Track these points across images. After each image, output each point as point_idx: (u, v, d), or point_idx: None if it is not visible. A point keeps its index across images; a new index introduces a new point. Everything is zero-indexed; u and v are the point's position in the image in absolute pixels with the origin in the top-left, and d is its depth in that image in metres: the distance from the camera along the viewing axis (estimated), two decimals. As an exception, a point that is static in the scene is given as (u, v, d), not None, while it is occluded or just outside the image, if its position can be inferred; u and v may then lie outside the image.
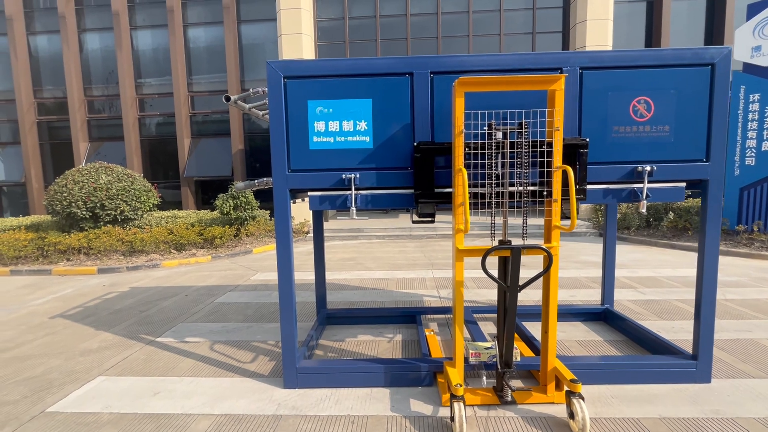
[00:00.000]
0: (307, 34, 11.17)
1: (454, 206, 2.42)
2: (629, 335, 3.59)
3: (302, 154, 2.67)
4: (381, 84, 2.61)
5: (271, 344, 3.68)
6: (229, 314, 4.55)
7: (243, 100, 3.04)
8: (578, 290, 5.11)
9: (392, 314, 4.13)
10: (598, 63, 2.57)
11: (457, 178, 2.38)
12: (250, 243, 9.26)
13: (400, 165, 2.67)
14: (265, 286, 5.80)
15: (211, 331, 4.05)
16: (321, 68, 2.61)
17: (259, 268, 7.04)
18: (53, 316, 4.71)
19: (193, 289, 5.77)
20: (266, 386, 2.89)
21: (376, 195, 2.71)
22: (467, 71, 2.59)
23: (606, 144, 2.62)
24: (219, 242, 8.55)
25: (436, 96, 2.61)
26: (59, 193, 8.51)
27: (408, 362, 2.86)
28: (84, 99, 13.30)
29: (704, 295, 2.69)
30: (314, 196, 2.72)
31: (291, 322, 2.78)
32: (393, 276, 6.19)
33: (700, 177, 2.62)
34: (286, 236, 2.73)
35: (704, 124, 2.59)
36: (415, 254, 8.00)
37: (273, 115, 2.63)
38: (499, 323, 2.54)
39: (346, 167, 2.67)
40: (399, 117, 2.63)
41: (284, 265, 2.75)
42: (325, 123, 2.64)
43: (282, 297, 2.78)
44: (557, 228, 2.43)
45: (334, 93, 2.62)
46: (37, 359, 3.49)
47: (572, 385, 2.33)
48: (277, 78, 2.61)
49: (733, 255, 7.11)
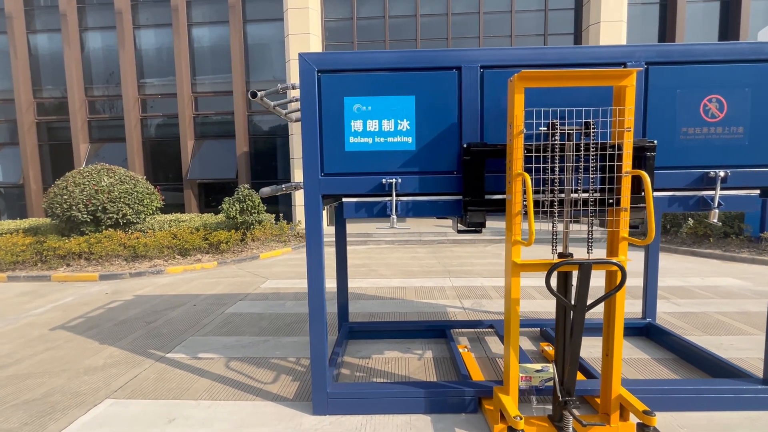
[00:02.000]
0: (315, 34, 10.95)
1: (511, 215, 2.16)
2: (678, 353, 3.33)
3: (337, 156, 2.41)
4: (426, 79, 2.36)
5: (292, 361, 3.40)
6: (243, 327, 4.27)
7: (271, 96, 2.78)
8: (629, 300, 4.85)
9: (418, 328, 3.87)
10: (666, 57, 2.33)
11: (515, 184, 2.12)
12: (256, 248, 8.98)
13: (445, 169, 2.42)
14: (277, 295, 5.52)
15: (224, 345, 3.77)
16: (359, 61, 2.36)
17: (269, 275, 6.77)
18: (54, 327, 4.42)
19: (201, 298, 5.49)
20: (292, 412, 2.61)
21: (417, 202, 2.45)
22: (521, 65, 2.34)
23: (673, 147, 2.37)
24: (225, 247, 8.27)
25: (486, 92, 2.36)
26: (59, 196, 8.21)
27: (450, 386, 2.59)
28: (85, 99, 13.03)
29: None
30: (349, 202, 2.46)
31: (322, 342, 2.51)
32: (410, 284, 5.92)
33: (778, 184, 2.37)
34: (317, 247, 2.47)
35: (782, 126, 2.35)
36: (429, 260, 7.73)
37: (305, 113, 2.37)
38: (559, 346, 2.27)
39: (385, 171, 2.41)
40: (445, 116, 2.38)
41: (315, 279, 2.48)
42: (363, 122, 2.38)
43: (313, 313, 2.51)
44: (626, 240, 2.18)
45: (373, 89, 2.36)
46: (38, 378, 3.20)
47: (646, 418, 2.07)
48: (311, 72, 2.35)
49: (759, 263, 6.87)
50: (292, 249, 9.25)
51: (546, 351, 3.33)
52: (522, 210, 2.14)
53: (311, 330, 2.52)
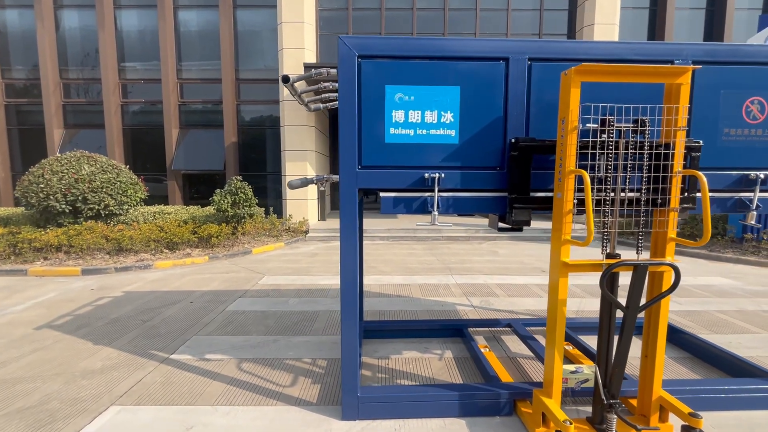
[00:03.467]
0: (309, 23, 10.64)
1: (561, 213, 2.09)
2: (693, 352, 3.38)
3: (376, 148, 2.27)
4: (472, 69, 2.25)
5: (308, 362, 3.25)
6: (248, 325, 4.08)
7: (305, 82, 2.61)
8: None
9: (433, 327, 3.78)
10: (712, 57, 2.30)
11: (567, 181, 2.05)
12: (247, 243, 8.68)
13: (489, 164, 2.32)
14: (278, 291, 5.33)
15: (233, 346, 3.57)
16: (404, 47, 2.22)
17: (264, 271, 6.53)
18: (39, 326, 4.10)
19: (196, 294, 5.23)
20: (319, 417, 2.48)
21: (458, 198, 2.35)
22: (569, 59, 2.27)
23: (715, 148, 2.36)
24: (215, 241, 7.94)
25: (533, 86, 2.27)
26: (35, 184, 7.67)
27: (484, 389, 2.52)
28: (59, 82, 12.24)
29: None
30: (387, 197, 2.33)
31: (355, 343, 2.39)
32: (413, 282, 5.83)
33: (813, 187, 2.40)
34: (352, 243, 2.33)
35: (819, 130, 2.37)
36: (427, 257, 7.67)
37: (344, 101, 2.22)
38: (602, 347, 2.22)
39: (426, 165, 2.30)
40: (490, 109, 2.28)
41: (349, 276, 2.35)
42: (405, 113, 2.25)
43: (345, 312, 2.38)
44: (674, 240, 2.15)
45: (417, 77, 2.23)
46: (30, 383, 2.93)
47: (692, 420, 2.06)
48: (350, 57, 2.20)
49: (743, 263, 7.16)
50: (285, 244, 9.00)
51: (568, 351, 3.31)
52: (573, 209, 2.08)
53: (343, 329, 2.39)
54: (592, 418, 2.31)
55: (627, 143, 2.11)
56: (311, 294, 5.19)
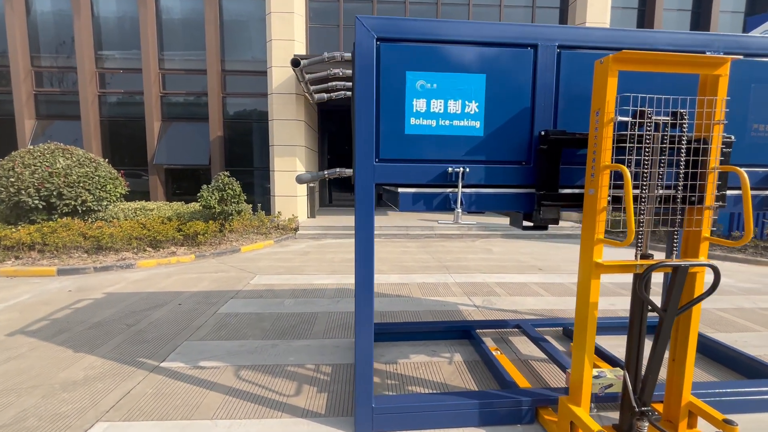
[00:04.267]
0: (299, 14, 10.31)
1: (594, 211, 1.96)
2: (704, 352, 3.34)
3: (395, 139, 2.10)
4: (499, 56, 2.09)
5: (311, 369, 3.06)
6: (243, 329, 3.84)
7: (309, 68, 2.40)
8: (609, 297, 4.89)
9: (439, 329, 3.64)
10: (744, 49, 2.21)
11: (602, 177, 1.92)
12: (235, 240, 8.36)
13: (514, 158, 2.18)
14: (272, 292, 5.09)
15: (228, 352, 3.34)
16: (426, 30, 2.05)
17: (255, 270, 6.27)
18: (12, 332, 3.76)
19: (185, 296, 4.94)
20: (330, 430, 2.30)
21: (482, 195, 2.20)
22: (599, 47, 2.14)
23: (744, 143, 2.28)
24: (202, 239, 7.61)
25: (562, 75, 2.14)
26: (5, 178, 7.16)
27: (505, 396, 2.39)
28: (31, 69, 11.53)
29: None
30: (406, 193, 2.16)
31: (369, 350, 2.21)
32: (411, 281, 5.68)
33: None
34: (367, 241, 2.15)
35: None
36: (421, 255, 7.54)
37: (361, 88, 2.03)
38: (632, 351, 2.12)
39: (448, 158, 2.14)
40: (517, 99, 2.13)
41: (364, 277, 2.18)
42: (427, 101, 2.08)
43: (360, 317, 2.20)
44: (707, 240, 2.06)
45: (440, 64, 2.06)
46: (3, 397, 2.65)
47: (727, 427, 1.97)
48: (368, 39, 2.01)
49: (731, 260, 7.30)
50: (275, 242, 8.72)
51: (579, 352, 3.22)
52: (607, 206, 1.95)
53: (357, 335, 2.21)
54: (619, 425, 2.20)
55: (663, 137, 2.00)
56: (307, 294, 4.98)
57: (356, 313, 2.21)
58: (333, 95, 3.15)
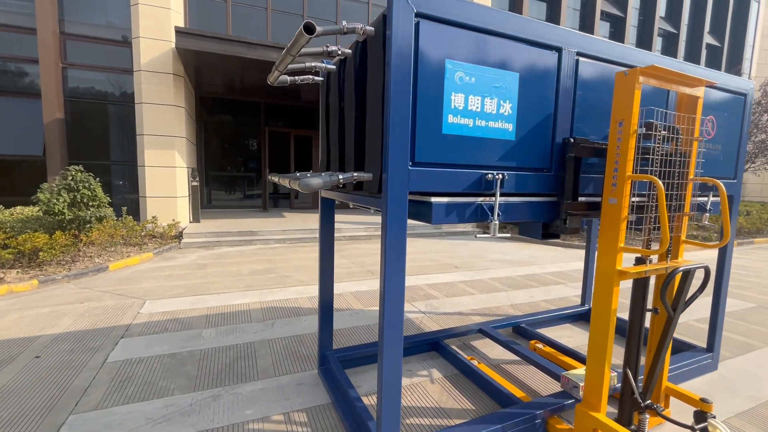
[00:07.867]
0: (177, -20, 8.59)
1: (617, 220, 2.00)
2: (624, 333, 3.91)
3: (432, 139, 1.75)
4: (531, 55, 1.95)
5: (280, 421, 2.43)
6: (158, 380, 2.87)
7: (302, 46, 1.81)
8: (540, 288, 5.43)
9: (405, 345, 3.38)
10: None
11: (625, 187, 1.97)
12: (97, 255, 6.45)
13: (539, 166, 2.07)
14: (178, 322, 4.01)
15: (150, 419, 2.41)
16: (471, 14, 1.76)
17: (141, 294, 4.90)
18: None
19: (41, 342, 3.48)
20: (346, 504, 1.81)
21: (510, 204, 2.02)
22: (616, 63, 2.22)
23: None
24: (46, 257, 5.60)
25: (579, 83, 2.13)
26: None
27: (515, 414, 2.29)
28: None
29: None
30: (440, 203, 1.83)
31: (398, 391, 1.82)
32: (344, 290, 5.26)
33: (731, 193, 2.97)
34: (400, 262, 1.76)
35: (736, 146, 2.95)
36: (340, 260, 7.13)
37: (396, 74, 1.62)
38: (632, 349, 2.25)
39: (484, 164, 1.90)
40: (544, 103, 2.03)
41: (394, 304, 1.77)
42: (465, 97, 1.80)
43: (388, 347, 1.78)
44: (685, 243, 2.33)
45: (479, 55, 1.80)
46: None
47: (704, 405, 2.26)
48: (406, 12, 1.62)
49: (587, 249, 9.00)
50: (154, 254, 7.07)
51: (539, 349, 3.39)
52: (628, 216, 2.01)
53: (385, 376, 1.78)
54: (619, 419, 2.33)
55: (665, 149, 2.17)
56: (228, 320, 4.09)
57: (385, 348, 1.77)
58: (299, 79, 2.55)
